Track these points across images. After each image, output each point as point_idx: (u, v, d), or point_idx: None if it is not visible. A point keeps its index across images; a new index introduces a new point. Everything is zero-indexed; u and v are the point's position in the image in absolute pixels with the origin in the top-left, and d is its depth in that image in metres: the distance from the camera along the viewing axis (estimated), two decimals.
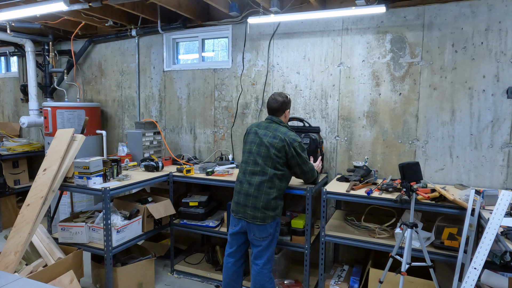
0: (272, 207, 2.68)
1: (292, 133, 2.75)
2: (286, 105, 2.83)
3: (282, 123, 2.81)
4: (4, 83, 5.76)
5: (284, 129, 2.77)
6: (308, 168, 2.80)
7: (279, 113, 2.83)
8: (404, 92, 3.27)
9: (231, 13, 3.66)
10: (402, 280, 2.39)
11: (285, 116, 2.86)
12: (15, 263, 2.66)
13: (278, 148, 2.67)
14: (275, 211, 2.69)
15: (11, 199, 4.95)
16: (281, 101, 2.81)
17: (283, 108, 2.82)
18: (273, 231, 2.71)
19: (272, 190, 2.68)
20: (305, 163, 2.77)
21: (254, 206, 2.67)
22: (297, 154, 2.70)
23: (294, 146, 2.68)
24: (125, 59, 4.63)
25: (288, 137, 2.69)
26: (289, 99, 2.87)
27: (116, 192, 3.00)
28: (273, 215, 2.68)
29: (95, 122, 4.55)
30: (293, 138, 2.71)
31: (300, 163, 2.73)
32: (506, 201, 2.11)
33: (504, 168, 2.99)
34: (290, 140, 2.68)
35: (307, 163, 2.79)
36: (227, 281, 2.86)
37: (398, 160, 3.32)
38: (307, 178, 2.86)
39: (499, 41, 2.93)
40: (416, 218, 2.88)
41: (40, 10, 3.11)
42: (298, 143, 2.71)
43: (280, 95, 2.84)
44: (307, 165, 2.79)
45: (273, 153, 2.68)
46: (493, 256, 2.07)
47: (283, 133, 2.71)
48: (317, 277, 3.18)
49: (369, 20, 3.34)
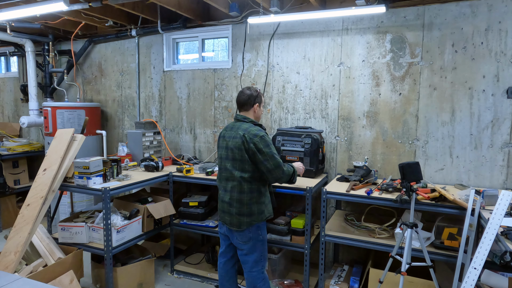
0: (246, 212, 2.54)
1: (254, 128, 2.54)
2: (254, 99, 2.63)
3: (246, 119, 2.62)
4: (4, 83, 5.76)
5: (247, 125, 2.57)
6: (273, 164, 2.51)
7: (246, 107, 2.65)
8: (404, 92, 3.27)
9: (231, 13, 3.66)
10: (402, 280, 2.39)
11: (254, 111, 2.67)
12: (15, 263, 2.66)
13: (239, 147, 2.51)
14: (250, 217, 2.55)
15: (11, 199, 4.95)
16: (249, 95, 2.63)
17: (251, 102, 2.63)
18: (252, 235, 2.58)
19: (243, 195, 2.54)
20: (268, 159, 2.50)
21: (229, 212, 2.58)
22: (258, 150, 2.47)
23: (254, 142, 2.47)
24: (125, 59, 4.63)
25: (248, 133, 2.50)
26: (258, 93, 2.66)
27: (116, 192, 3.00)
28: (248, 221, 2.54)
29: (95, 122, 4.55)
30: (254, 133, 2.49)
31: (262, 159, 2.48)
32: (506, 201, 2.11)
33: (504, 168, 2.99)
34: (249, 136, 2.48)
35: (272, 159, 2.50)
36: (221, 281, 2.83)
37: (398, 160, 3.32)
38: (275, 177, 2.56)
39: (499, 41, 2.93)
40: (416, 218, 2.87)
41: (40, 10, 3.11)
42: (260, 137, 2.48)
43: (249, 88, 2.67)
44: (271, 161, 2.50)
45: (237, 154, 2.52)
46: (493, 256, 2.07)
47: (244, 130, 2.53)
48: (317, 277, 3.18)
49: (369, 20, 3.34)
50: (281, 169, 2.55)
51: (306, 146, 3.28)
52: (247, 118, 2.64)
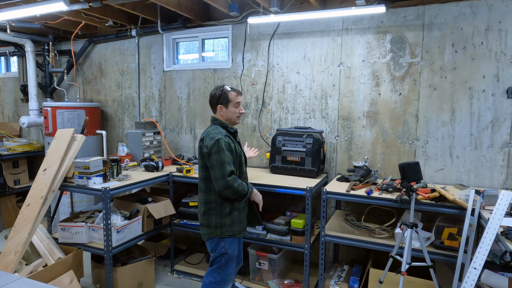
0: (205, 223, 2.44)
1: (215, 131, 2.37)
2: (217, 99, 2.47)
3: (215, 121, 2.50)
4: (4, 83, 5.76)
5: (212, 127, 2.43)
6: (217, 173, 2.29)
7: (213, 109, 2.55)
8: (404, 92, 3.27)
9: (231, 13, 3.66)
10: (402, 280, 2.39)
11: (219, 113, 2.50)
12: (15, 263, 2.66)
13: (199, 153, 2.40)
14: (209, 229, 2.42)
15: (11, 199, 4.95)
16: (212, 95, 2.51)
17: (214, 103, 2.50)
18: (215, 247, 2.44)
19: (201, 205, 2.44)
20: (215, 166, 2.29)
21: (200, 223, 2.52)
22: (208, 155, 2.30)
23: (207, 145, 2.30)
24: (125, 59, 4.63)
25: (207, 136, 2.36)
26: (222, 92, 2.46)
27: (116, 192, 3.00)
28: (207, 232, 2.44)
29: (95, 122, 4.55)
30: (211, 136, 2.33)
31: (209, 165, 2.32)
32: (506, 201, 2.11)
33: (504, 168, 2.99)
34: (206, 139, 2.34)
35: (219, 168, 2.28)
36: None
37: (398, 160, 3.32)
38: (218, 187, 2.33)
39: (499, 41, 2.93)
40: (416, 218, 2.87)
41: (40, 10, 3.11)
42: (215, 140, 2.29)
43: (216, 88, 2.52)
44: (217, 169, 2.29)
45: (200, 161, 2.43)
46: (493, 256, 2.07)
47: (206, 132, 2.40)
48: (317, 277, 3.17)
49: (369, 20, 3.34)
50: (224, 180, 2.28)
51: (308, 146, 3.28)
52: (217, 120, 2.50)
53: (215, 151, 2.28)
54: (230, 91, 2.47)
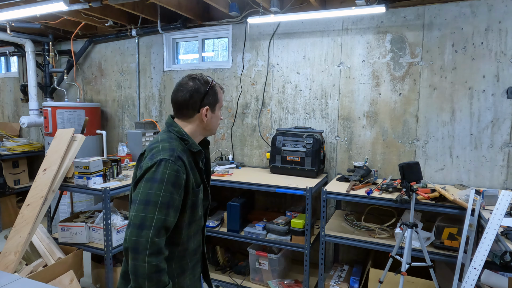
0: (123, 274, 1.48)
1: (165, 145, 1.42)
2: (202, 97, 1.48)
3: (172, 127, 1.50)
4: (4, 83, 5.76)
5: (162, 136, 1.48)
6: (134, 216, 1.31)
7: (187, 112, 1.49)
8: (404, 92, 3.27)
9: (231, 13, 3.66)
10: (402, 280, 2.39)
11: (200, 119, 1.51)
12: (15, 263, 2.66)
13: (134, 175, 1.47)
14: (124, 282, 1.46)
15: (11, 199, 4.95)
16: (191, 89, 1.47)
17: (195, 104, 1.48)
18: None
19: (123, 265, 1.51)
20: (135, 202, 1.34)
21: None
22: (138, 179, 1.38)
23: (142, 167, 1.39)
24: (125, 59, 4.63)
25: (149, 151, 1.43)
26: (212, 87, 1.50)
27: (116, 192, 3.00)
28: None
29: (95, 122, 4.55)
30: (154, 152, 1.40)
31: (133, 196, 1.37)
32: (506, 201, 2.11)
33: (504, 168, 2.99)
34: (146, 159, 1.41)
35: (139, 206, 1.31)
36: None
37: (398, 160, 3.32)
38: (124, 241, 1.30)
39: (499, 41, 2.93)
40: (416, 218, 2.88)
41: (40, 10, 3.11)
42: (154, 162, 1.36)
43: (193, 78, 1.49)
44: (135, 209, 1.32)
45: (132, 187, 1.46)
46: (493, 256, 2.07)
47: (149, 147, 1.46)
48: (317, 277, 3.17)
49: (369, 20, 3.34)
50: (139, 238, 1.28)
51: (308, 146, 3.28)
52: (174, 125, 1.50)
53: (148, 178, 1.35)
54: (218, 87, 1.55)
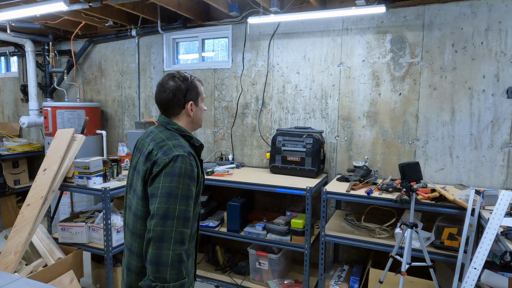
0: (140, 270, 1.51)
1: (174, 142, 1.50)
2: (184, 94, 1.56)
3: (170, 125, 1.59)
4: (4, 83, 5.76)
5: (165, 134, 1.56)
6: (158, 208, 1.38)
7: (173, 110, 1.58)
8: (404, 92, 3.27)
9: (231, 13, 3.66)
10: (402, 280, 2.39)
11: (187, 114, 1.60)
12: (15, 263, 2.66)
13: (140, 173, 1.52)
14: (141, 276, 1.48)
15: (11, 199, 4.95)
16: (173, 88, 1.54)
17: (179, 101, 1.56)
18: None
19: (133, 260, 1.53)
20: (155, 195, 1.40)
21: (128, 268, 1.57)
22: (153, 177, 1.44)
23: (158, 163, 1.44)
24: (125, 59, 4.63)
25: (159, 148, 1.49)
26: (192, 84, 1.58)
27: (116, 192, 3.00)
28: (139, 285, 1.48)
29: (95, 122, 4.55)
30: (166, 149, 1.47)
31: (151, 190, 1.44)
32: (506, 201, 2.11)
33: (504, 168, 2.99)
34: (158, 154, 1.46)
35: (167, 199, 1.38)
36: None
37: (398, 160, 3.32)
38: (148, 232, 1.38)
39: (499, 41, 2.93)
40: (416, 218, 2.88)
41: (40, 10, 3.11)
42: (171, 157, 1.43)
43: (173, 77, 1.56)
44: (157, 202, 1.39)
45: (137, 188, 1.54)
46: (493, 256, 2.07)
47: (156, 143, 1.52)
48: (317, 277, 3.17)
49: (369, 20, 3.34)
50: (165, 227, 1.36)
51: (308, 146, 3.28)
52: (172, 124, 1.59)
53: (167, 173, 1.41)
54: (196, 81, 1.62)
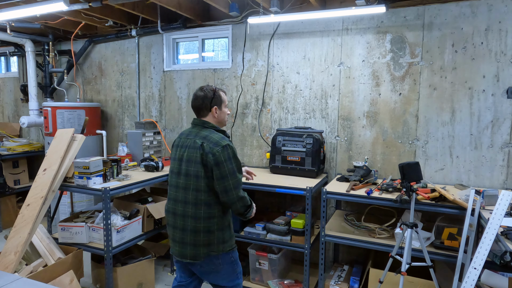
0: (203, 242, 2.09)
1: (217, 136, 2.09)
2: (210, 101, 2.16)
3: (206, 125, 2.17)
4: (4, 83, 5.76)
5: (206, 131, 2.13)
6: (231, 183, 2.04)
7: (203, 112, 2.19)
8: (404, 92, 3.27)
9: (231, 13, 3.66)
10: (402, 280, 2.39)
11: (213, 116, 2.19)
12: (15, 263, 2.66)
13: (195, 160, 2.06)
14: (209, 247, 2.10)
15: (11, 199, 4.95)
16: (202, 97, 2.16)
17: (207, 106, 2.17)
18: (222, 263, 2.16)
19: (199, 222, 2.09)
20: (227, 176, 2.03)
21: (182, 242, 2.13)
22: (216, 164, 2.01)
23: (213, 152, 2.01)
24: (125, 59, 4.63)
25: (207, 141, 2.06)
26: (216, 94, 2.18)
27: (116, 192, 3.00)
28: (206, 251, 2.10)
29: (95, 122, 4.55)
30: (215, 141, 2.05)
31: (219, 176, 2.03)
32: (506, 201, 2.11)
33: (504, 168, 2.99)
34: (209, 145, 2.04)
35: (231, 177, 2.04)
36: None
37: (398, 160, 3.32)
38: (231, 199, 2.07)
39: (499, 41, 2.93)
40: (416, 218, 2.88)
41: (40, 10, 3.11)
42: (222, 147, 2.02)
43: (202, 89, 2.19)
44: (230, 179, 2.04)
45: (192, 169, 2.08)
46: (493, 256, 2.07)
47: (202, 137, 2.09)
48: (317, 277, 3.17)
49: (369, 20, 3.34)
50: (239, 190, 2.08)
51: (308, 146, 3.28)
52: (207, 123, 2.18)
53: (226, 159, 2.02)
54: (220, 91, 2.23)
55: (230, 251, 2.17)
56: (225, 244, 2.13)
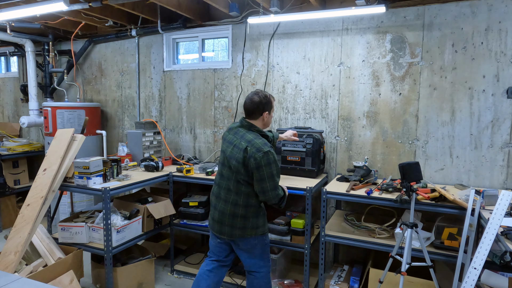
0: (240, 226, 2.41)
1: (260, 141, 2.32)
2: (263, 106, 2.41)
3: (253, 128, 2.41)
4: (4, 83, 5.76)
5: (252, 135, 2.36)
6: (269, 186, 2.32)
7: (255, 115, 2.43)
8: (404, 92, 3.27)
9: (231, 13, 3.66)
10: (402, 280, 2.39)
11: (263, 119, 2.45)
12: (15, 263, 2.66)
13: (238, 159, 2.32)
14: (243, 230, 2.41)
15: (11, 199, 4.95)
16: (257, 102, 2.39)
17: (260, 110, 2.41)
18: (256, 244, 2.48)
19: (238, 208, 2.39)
20: (266, 179, 2.30)
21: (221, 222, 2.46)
22: (257, 168, 2.27)
23: (255, 157, 2.25)
24: (125, 59, 4.63)
25: (251, 146, 2.29)
26: (268, 99, 2.44)
27: (116, 192, 3.00)
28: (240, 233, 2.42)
29: (95, 122, 4.55)
30: (257, 146, 2.28)
31: (259, 178, 2.30)
32: (506, 201, 2.11)
33: (504, 168, 2.99)
34: (252, 150, 2.27)
35: (270, 180, 2.31)
36: None
37: (398, 160, 3.32)
38: (267, 198, 2.37)
39: (499, 41, 2.93)
40: (416, 218, 2.88)
41: (40, 10, 3.11)
42: (263, 153, 2.26)
43: (257, 94, 2.42)
44: (268, 183, 2.31)
45: (234, 165, 2.35)
46: (493, 256, 2.07)
47: (247, 141, 2.32)
48: (317, 277, 3.17)
49: (369, 20, 3.34)
50: (276, 192, 2.37)
51: (308, 146, 3.28)
52: (254, 126, 2.42)
53: (265, 164, 2.27)
54: (272, 98, 2.50)
55: (263, 235, 2.49)
56: (258, 229, 2.44)
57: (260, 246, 2.51)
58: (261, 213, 2.48)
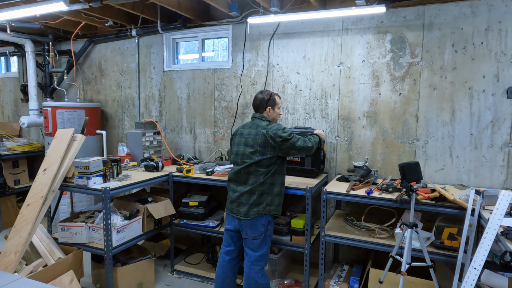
0: (256, 202, 2.70)
1: (274, 125, 2.74)
2: (266, 102, 2.82)
3: (264, 118, 2.82)
4: (4, 83, 5.76)
5: (265, 123, 2.77)
6: (302, 144, 2.72)
7: (260, 110, 2.85)
8: (404, 92, 3.27)
9: (231, 13, 3.66)
10: (402, 280, 2.39)
11: (267, 113, 2.85)
12: (15, 263, 2.66)
13: (261, 143, 2.69)
14: (258, 206, 2.70)
15: (11, 199, 4.95)
16: (260, 99, 2.83)
17: (263, 106, 2.83)
18: (264, 229, 2.72)
19: (256, 186, 2.70)
20: (295, 144, 2.69)
21: (241, 202, 2.73)
22: (283, 140, 2.66)
23: (279, 135, 2.66)
24: (125, 59, 4.63)
25: (270, 129, 2.70)
26: (271, 97, 2.83)
27: (116, 192, 3.00)
28: (256, 210, 2.69)
29: (95, 122, 4.55)
30: (275, 127, 2.71)
31: (290, 147, 2.68)
32: (506, 201, 2.11)
33: (504, 168, 2.99)
34: (272, 131, 2.68)
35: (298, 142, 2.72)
36: (223, 277, 2.88)
37: (398, 160, 3.32)
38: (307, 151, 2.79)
39: (499, 41, 2.93)
40: (416, 218, 2.88)
41: (40, 10, 3.11)
42: (282, 130, 2.69)
43: (262, 92, 2.86)
44: (300, 145, 2.71)
45: (258, 148, 2.70)
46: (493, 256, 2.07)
47: (264, 127, 2.72)
48: (317, 277, 3.17)
49: (369, 20, 3.34)
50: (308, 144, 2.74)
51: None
52: (265, 117, 2.82)
53: (288, 135, 2.66)
54: (275, 96, 2.87)
55: (273, 215, 2.76)
56: (271, 207, 2.73)
57: (267, 226, 2.72)
58: (275, 192, 2.75)
